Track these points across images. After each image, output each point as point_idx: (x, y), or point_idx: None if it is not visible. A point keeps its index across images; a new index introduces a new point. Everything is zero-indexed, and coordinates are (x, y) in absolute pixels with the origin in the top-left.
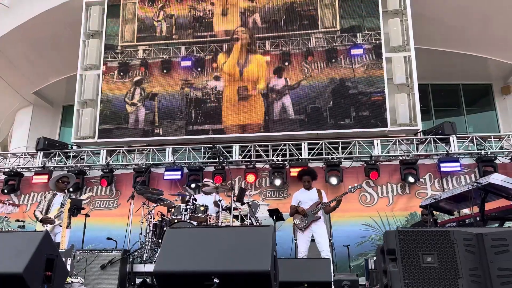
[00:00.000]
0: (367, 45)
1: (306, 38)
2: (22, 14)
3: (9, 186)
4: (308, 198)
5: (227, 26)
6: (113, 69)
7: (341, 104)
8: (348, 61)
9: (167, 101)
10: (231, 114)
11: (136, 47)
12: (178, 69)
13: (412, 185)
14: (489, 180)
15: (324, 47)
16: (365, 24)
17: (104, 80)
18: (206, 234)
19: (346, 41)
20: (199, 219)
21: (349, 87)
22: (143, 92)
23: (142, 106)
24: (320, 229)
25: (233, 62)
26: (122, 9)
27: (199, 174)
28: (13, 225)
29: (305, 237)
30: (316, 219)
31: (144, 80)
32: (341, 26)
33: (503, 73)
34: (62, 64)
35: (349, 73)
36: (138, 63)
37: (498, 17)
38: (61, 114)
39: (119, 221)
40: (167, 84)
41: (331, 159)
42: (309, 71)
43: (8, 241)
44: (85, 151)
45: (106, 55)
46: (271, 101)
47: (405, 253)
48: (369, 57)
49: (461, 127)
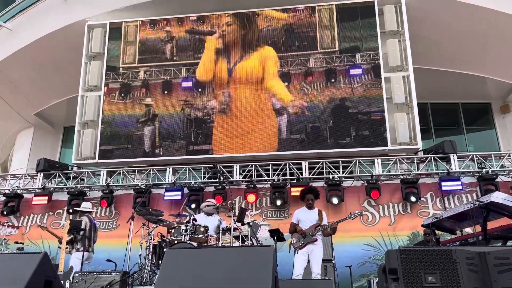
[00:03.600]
0: (366, 65)
1: (305, 59)
2: (24, 37)
3: (9, 208)
4: (308, 219)
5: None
6: (114, 90)
7: (341, 124)
8: (347, 81)
9: (167, 122)
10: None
11: (137, 68)
12: (179, 90)
13: (413, 204)
14: (491, 199)
15: (323, 67)
16: (363, 45)
17: (105, 101)
18: (206, 254)
19: (345, 61)
20: (199, 240)
21: (348, 107)
22: (147, 113)
23: (145, 127)
24: (316, 250)
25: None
26: (123, 32)
27: (199, 194)
28: (12, 247)
29: (301, 257)
30: (313, 240)
31: (146, 101)
32: (340, 47)
33: (502, 92)
34: (64, 86)
35: (348, 92)
36: (139, 84)
37: (496, 37)
38: (62, 135)
39: (119, 242)
40: (168, 105)
41: (332, 178)
42: (309, 91)
43: (6, 263)
44: (85, 172)
45: (108, 76)
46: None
47: (407, 273)
48: (368, 77)
49: (461, 146)
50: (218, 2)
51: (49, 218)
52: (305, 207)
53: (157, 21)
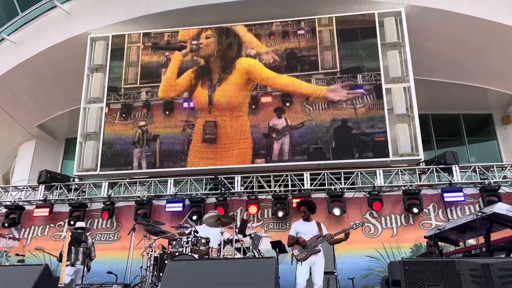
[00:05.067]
0: (367, 85)
1: (307, 79)
2: (27, 50)
3: (10, 220)
4: (308, 231)
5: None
6: (115, 111)
7: (344, 146)
8: (349, 102)
9: (168, 142)
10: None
11: (139, 88)
12: (180, 110)
13: (416, 216)
14: (494, 210)
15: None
16: (364, 65)
17: (106, 122)
18: (208, 266)
19: (346, 81)
20: (201, 252)
21: (351, 128)
22: (145, 134)
23: (144, 147)
24: (319, 262)
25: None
26: (126, 53)
27: (201, 206)
28: (13, 259)
29: (304, 269)
30: (316, 252)
31: (146, 121)
32: (341, 68)
33: (503, 103)
34: (66, 98)
35: (351, 113)
36: (140, 105)
37: (496, 48)
38: (64, 147)
39: (120, 254)
40: (169, 125)
41: (333, 189)
42: (310, 111)
43: (6, 275)
44: (87, 184)
45: (109, 96)
46: (271, 142)
47: (411, 284)
48: (370, 97)
49: (463, 157)
50: (220, 14)
51: (50, 230)
52: (302, 220)
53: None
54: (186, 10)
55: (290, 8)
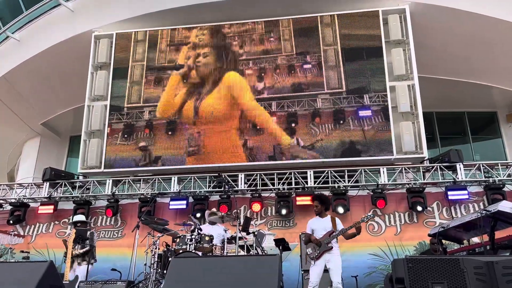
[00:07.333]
0: (375, 106)
1: (312, 99)
2: (31, 48)
3: (15, 217)
4: (322, 227)
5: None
6: (117, 131)
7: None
8: (357, 123)
9: (170, 163)
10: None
11: (142, 108)
12: (183, 130)
13: (420, 214)
14: (498, 208)
15: (331, 108)
16: (371, 86)
17: (107, 142)
18: (211, 264)
19: (352, 102)
20: (204, 249)
21: (360, 151)
22: (147, 157)
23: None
24: (334, 259)
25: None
26: (130, 74)
27: (204, 203)
28: (18, 256)
29: (318, 268)
30: (329, 249)
31: (148, 142)
32: (347, 87)
33: (508, 100)
34: (70, 95)
35: (359, 135)
36: (143, 125)
37: (501, 46)
38: (68, 144)
39: (124, 251)
40: (170, 147)
41: (337, 187)
42: (317, 133)
43: (12, 271)
44: (91, 181)
45: (111, 116)
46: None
47: (414, 282)
48: (378, 119)
49: (468, 155)
50: (225, 13)
51: (54, 227)
52: (317, 216)
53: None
54: (189, 8)
55: (293, 7)
